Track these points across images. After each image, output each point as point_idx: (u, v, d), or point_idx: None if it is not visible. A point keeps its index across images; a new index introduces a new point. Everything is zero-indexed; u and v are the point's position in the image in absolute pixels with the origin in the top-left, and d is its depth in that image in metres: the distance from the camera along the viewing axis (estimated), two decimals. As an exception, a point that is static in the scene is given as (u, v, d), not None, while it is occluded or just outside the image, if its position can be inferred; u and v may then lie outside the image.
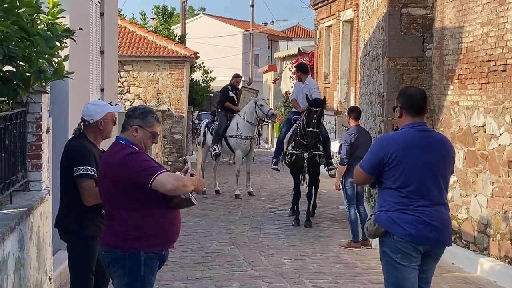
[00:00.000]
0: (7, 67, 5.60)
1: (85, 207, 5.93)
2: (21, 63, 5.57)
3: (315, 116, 12.33)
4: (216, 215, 13.38)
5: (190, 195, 5.30)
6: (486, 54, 9.63)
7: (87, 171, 5.83)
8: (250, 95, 17.80)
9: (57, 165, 7.49)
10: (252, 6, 53.96)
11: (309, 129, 12.34)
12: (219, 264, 9.54)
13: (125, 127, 5.35)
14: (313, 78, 25.20)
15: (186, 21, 38.20)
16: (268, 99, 29.54)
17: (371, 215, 5.44)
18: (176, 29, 37.21)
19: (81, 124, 6.11)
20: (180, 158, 22.78)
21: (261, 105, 15.42)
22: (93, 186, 5.78)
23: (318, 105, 12.45)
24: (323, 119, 12.89)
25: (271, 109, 16.35)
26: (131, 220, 5.24)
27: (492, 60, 9.44)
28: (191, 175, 5.46)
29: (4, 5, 5.11)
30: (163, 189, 5.10)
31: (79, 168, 5.84)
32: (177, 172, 5.61)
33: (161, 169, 5.30)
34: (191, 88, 27.47)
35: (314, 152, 12.55)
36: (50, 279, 7.08)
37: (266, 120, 16.31)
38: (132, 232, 5.22)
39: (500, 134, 9.30)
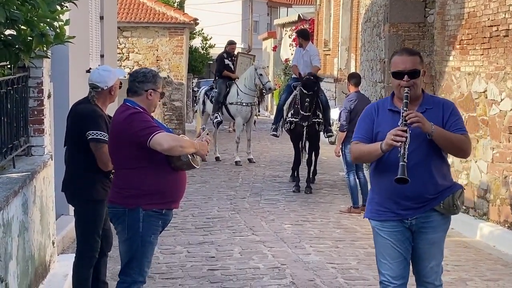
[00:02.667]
0: (8, 31, 5.59)
1: (94, 171, 6.02)
2: (22, 27, 5.56)
3: (307, 99, 12.29)
4: (217, 181, 13.47)
5: (192, 158, 5.37)
6: (489, 19, 9.75)
7: (101, 136, 5.89)
8: (247, 61, 17.77)
9: (59, 130, 7.64)
10: (252, -27, 54.55)
11: (302, 113, 12.35)
12: (220, 229, 9.69)
13: (137, 92, 5.47)
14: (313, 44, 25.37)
15: None
16: (267, 67, 29.48)
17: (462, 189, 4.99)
18: None
19: (91, 90, 6.14)
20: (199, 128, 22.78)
21: (260, 74, 15.37)
22: (106, 149, 5.88)
23: (310, 88, 12.34)
24: (318, 96, 12.81)
25: (269, 81, 16.29)
26: (132, 178, 5.38)
27: (494, 25, 9.56)
28: (207, 142, 5.65)
29: None
30: (160, 148, 5.22)
31: (92, 133, 5.89)
32: (182, 135, 5.72)
33: (161, 129, 5.38)
34: (190, 55, 27.46)
35: (314, 119, 12.51)
36: (53, 243, 7.21)
37: (264, 92, 16.29)
38: (132, 190, 5.37)
39: (502, 100, 9.39)
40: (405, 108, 4.54)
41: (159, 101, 5.83)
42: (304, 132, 12.57)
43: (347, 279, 7.51)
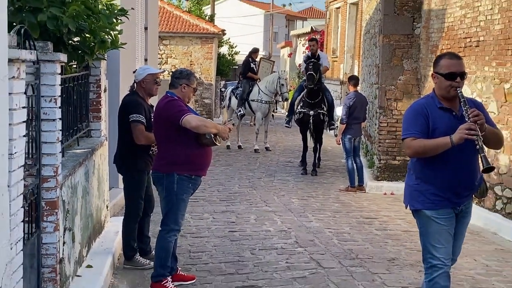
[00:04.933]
0: (76, 38, 5.83)
1: (137, 148, 6.29)
2: (87, 35, 5.78)
3: (311, 63, 12.39)
4: (238, 165, 13.53)
5: (214, 137, 5.66)
6: (463, 32, 9.79)
7: (139, 118, 6.18)
8: (268, 65, 18.01)
9: (112, 117, 7.83)
10: (273, -11, 54.59)
11: (308, 73, 12.35)
12: (240, 201, 9.88)
13: (174, 85, 5.86)
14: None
15: (215, 3, 38.05)
16: (284, 70, 29.70)
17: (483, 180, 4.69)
18: (207, 10, 36.70)
19: (134, 83, 6.51)
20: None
21: (282, 84, 15.27)
22: (143, 129, 6.18)
23: (312, 58, 12.57)
24: (323, 77, 12.92)
25: (287, 92, 16.05)
26: (168, 151, 5.76)
27: (468, 37, 9.62)
28: (229, 129, 6.00)
29: None
30: (189, 126, 5.55)
31: (132, 116, 6.19)
32: (209, 120, 6.18)
33: (191, 112, 5.71)
34: (218, 60, 27.28)
35: (319, 110, 12.55)
36: (107, 207, 7.54)
37: (280, 95, 16.00)
38: (169, 160, 5.73)
39: (473, 98, 9.57)
40: (467, 106, 4.28)
41: (193, 95, 6.12)
42: (311, 120, 12.59)
43: (341, 240, 7.72)
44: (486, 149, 4.31)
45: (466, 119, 4.22)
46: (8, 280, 3.00)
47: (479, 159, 4.27)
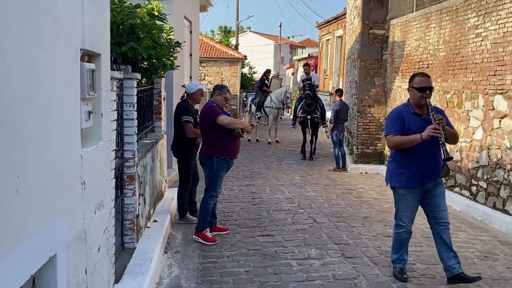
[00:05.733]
0: (146, 63, 5.87)
1: (187, 139, 6.39)
2: (154, 60, 5.86)
3: (307, 85, 12.33)
4: (257, 153, 13.56)
5: (241, 131, 5.72)
6: (417, 57, 9.81)
7: (189, 119, 6.32)
8: (277, 82, 18.05)
9: (169, 118, 7.94)
10: (280, 26, 55.54)
11: (306, 113, 12.40)
12: (258, 178, 9.97)
13: (213, 95, 5.95)
14: (317, 73, 25.41)
15: (239, 36, 38.32)
16: (288, 85, 29.59)
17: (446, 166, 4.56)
18: (232, 40, 36.65)
19: (185, 93, 6.62)
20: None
21: (287, 97, 15.05)
22: (191, 127, 6.29)
23: (307, 80, 12.49)
24: (315, 91, 12.75)
25: (290, 103, 15.87)
26: (210, 141, 5.82)
27: (421, 61, 9.65)
28: (251, 125, 6.05)
29: (146, 29, 5.47)
30: (223, 123, 5.62)
31: (184, 117, 6.33)
32: (238, 119, 6.27)
33: (224, 114, 5.78)
34: (241, 78, 27.25)
35: (314, 115, 12.50)
36: (165, 181, 7.62)
37: (285, 104, 15.58)
38: (211, 147, 5.80)
39: None
40: (433, 112, 4.23)
41: (226, 103, 6.10)
42: (309, 123, 12.55)
43: (329, 204, 7.76)
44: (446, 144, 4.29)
45: (433, 121, 4.19)
46: (110, 224, 3.23)
47: (441, 151, 4.25)
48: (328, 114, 13.03)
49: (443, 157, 4.22)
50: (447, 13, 8.65)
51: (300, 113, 12.78)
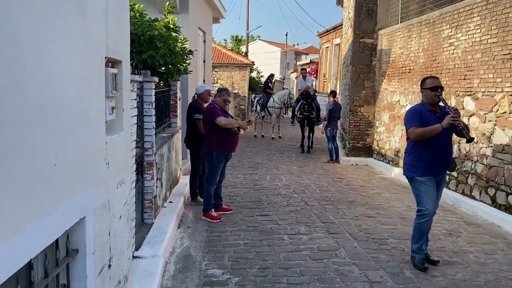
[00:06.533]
0: (163, 68, 6.03)
1: (197, 134, 6.45)
2: (170, 66, 6.01)
3: (305, 103, 12.43)
4: (260, 147, 13.64)
5: (237, 130, 5.76)
6: (401, 63, 9.86)
7: (200, 116, 6.40)
8: (280, 84, 18.12)
9: (183, 115, 7.91)
10: (286, 35, 55.56)
11: (304, 113, 12.48)
12: (261, 168, 10.10)
13: (215, 96, 6.01)
14: (317, 77, 25.42)
15: (249, 43, 38.19)
16: (292, 88, 29.62)
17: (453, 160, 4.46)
18: (243, 48, 36.49)
19: (195, 94, 6.73)
20: (249, 118, 22.88)
21: (291, 98, 15.06)
22: (201, 123, 6.34)
23: (305, 99, 12.51)
24: (313, 101, 12.74)
25: (293, 103, 15.22)
26: (211, 138, 5.85)
27: (404, 67, 9.72)
28: (249, 121, 6.06)
29: (163, 40, 5.66)
30: (220, 124, 5.65)
31: (195, 115, 6.45)
32: (235, 118, 6.12)
33: (223, 115, 5.72)
34: (250, 81, 27.44)
35: (311, 116, 12.60)
36: (180, 169, 7.73)
37: (288, 104, 15.47)
38: (211, 143, 5.84)
39: (406, 105, 9.53)
40: (448, 105, 4.25)
41: (226, 104, 5.97)
42: (305, 121, 12.64)
43: (321, 190, 7.90)
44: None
45: (449, 112, 4.15)
46: (130, 198, 3.51)
47: (462, 135, 4.14)
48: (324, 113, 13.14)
49: (466, 139, 4.14)
50: (426, 25, 8.77)
51: (298, 113, 12.88)
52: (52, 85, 1.95)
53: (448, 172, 4.44)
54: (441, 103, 4.34)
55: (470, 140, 4.13)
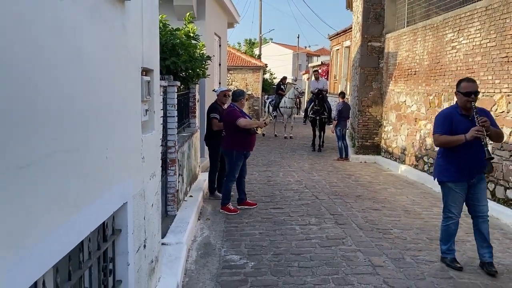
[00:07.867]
0: (184, 73, 6.20)
1: (213, 132, 6.66)
2: (190, 71, 6.22)
3: (316, 99, 12.68)
4: (274, 146, 13.72)
5: (255, 129, 5.99)
6: (407, 66, 10.00)
7: (215, 115, 6.65)
8: (292, 86, 18.44)
9: (202, 116, 8.24)
10: (298, 37, 56.14)
11: (315, 107, 12.67)
12: (274, 165, 10.28)
13: (235, 99, 6.21)
14: (328, 79, 25.43)
15: (262, 46, 38.17)
16: (304, 88, 29.83)
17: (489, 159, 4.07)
18: (256, 50, 36.43)
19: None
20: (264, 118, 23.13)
21: (296, 88, 14.93)
22: (216, 121, 6.58)
23: (317, 95, 12.73)
24: (324, 102, 12.88)
25: (302, 92, 15.95)
26: (231, 137, 6.06)
27: (409, 69, 9.85)
28: (265, 122, 6.23)
29: (184, 47, 5.89)
30: (241, 125, 5.85)
31: (211, 114, 6.70)
32: (253, 119, 6.32)
33: (243, 116, 5.94)
34: (263, 83, 27.39)
35: (322, 116, 12.79)
36: (199, 166, 7.98)
37: (299, 96, 15.56)
38: (231, 142, 6.06)
39: (412, 105, 9.69)
40: (478, 115, 4.02)
41: (243, 105, 6.21)
42: (317, 121, 12.78)
43: (330, 186, 8.10)
44: (489, 144, 4.26)
45: (476, 124, 3.98)
46: (159, 189, 3.88)
47: (484, 151, 4.01)
48: (334, 113, 13.32)
49: (486, 157, 3.99)
50: (430, 29, 8.94)
51: (310, 113, 13.04)
52: (104, 93, 2.35)
53: (485, 173, 4.32)
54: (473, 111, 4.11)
55: (488, 159, 4.00)
